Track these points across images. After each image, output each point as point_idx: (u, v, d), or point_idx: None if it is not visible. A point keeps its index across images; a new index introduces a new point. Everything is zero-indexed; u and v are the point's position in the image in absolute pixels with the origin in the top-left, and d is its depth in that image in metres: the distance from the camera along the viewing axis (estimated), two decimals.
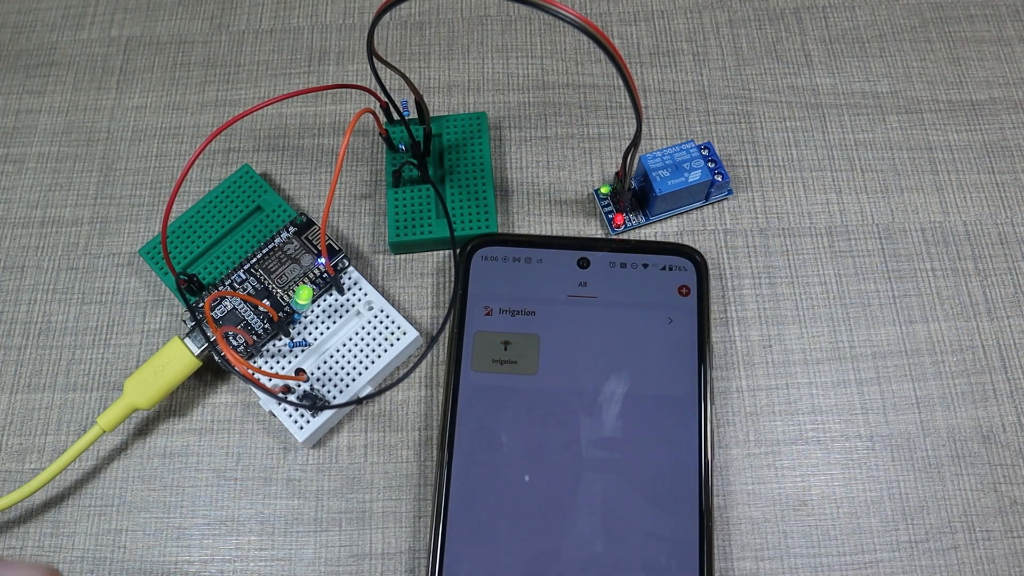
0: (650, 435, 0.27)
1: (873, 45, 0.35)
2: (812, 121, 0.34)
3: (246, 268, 0.29)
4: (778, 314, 0.30)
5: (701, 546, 0.25)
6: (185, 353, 0.27)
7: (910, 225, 0.32)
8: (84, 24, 0.37)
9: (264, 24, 0.36)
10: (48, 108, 0.35)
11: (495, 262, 0.29)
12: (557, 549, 0.25)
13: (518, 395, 0.27)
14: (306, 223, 0.30)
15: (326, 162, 0.33)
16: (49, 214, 0.32)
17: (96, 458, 0.28)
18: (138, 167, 0.33)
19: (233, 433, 0.29)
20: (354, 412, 0.29)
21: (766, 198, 0.32)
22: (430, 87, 0.35)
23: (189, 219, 0.30)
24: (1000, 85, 0.34)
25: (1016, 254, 0.31)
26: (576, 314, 0.28)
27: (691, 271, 0.29)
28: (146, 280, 0.31)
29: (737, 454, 0.28)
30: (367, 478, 0.28)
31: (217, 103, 0.35)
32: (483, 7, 0.36)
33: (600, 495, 0.26)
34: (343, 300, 0.29)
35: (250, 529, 0.27)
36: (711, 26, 0.36)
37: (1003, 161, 0.33)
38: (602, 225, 0.32)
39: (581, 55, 0.35)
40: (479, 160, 0.32)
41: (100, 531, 0.27)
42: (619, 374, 0.27)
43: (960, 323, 0.30)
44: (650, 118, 0.34)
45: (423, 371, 0.29)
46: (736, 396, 0.29)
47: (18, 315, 0.31)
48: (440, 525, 0.26)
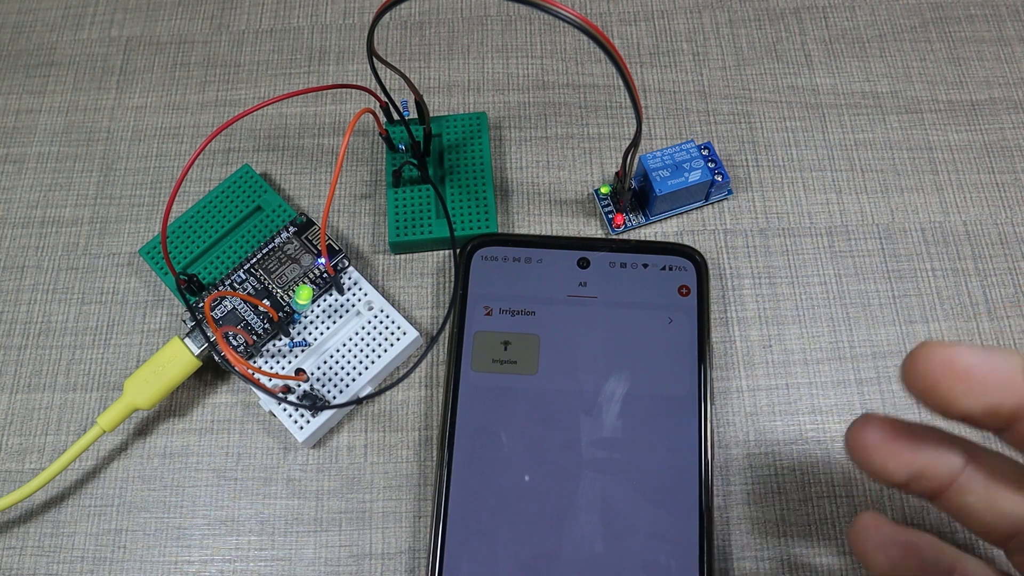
0: (650, 435, 0.27)
1: (873, 45, 0.35)
2: (812, 121, 0.34)
3: (246, 268, 0.29)
4: (778, 314, 0.30)
5: (701, 546, 0.25)
6: (185, 353, 0.27)
7: (910, 225, 0.32)
8: (84, 24, 0.37)
9: (264, 24, 0.36)
10: (48, 108, 0.35)
11: (495, 262, 0.29)
12: (557, 549, 0.25)
13: (518, 395, 0.27)
14: (306, 223, 0.30)
15: (326, 162, 0.33)
16: (49, 214, 0.32)
17: (96, 458, 0.28)
18: (138, 167, 0.33)
19: (233, 433, 0.29)
20: (354, 412, 0.29)
21: (766, 198, 0.32)
22: (430, 87, 0.35)
23: (189, 219, 0.30)
24: (1000, 85, 0.34)
25: (1016, 254, 0.31)
26: (576, 314, 0.28)
27: (691, 271, 0.29)
28: (146, 280, 0.31)
29: (737, 454, 0.28)
30: (367, 478, 0.28)
31: (217, 103, 0.35)
32: (483, 7, 0.36)
33: (600, 495, 0.26)
34: (343, 300, 0.29)
35: (250, 529, 0.27)
36: (711, 26, 0.36)
37: (1003, 161, 0.33)
38: (602, 225, 0.32)
39: (581, 55, 0.35)
40: (479, 160, 0.32)
41: (100, 531, 0.27)
42: (619, 374, 0.27)
43: (960, 323, 0.30)
44: (650, 118, 0.34)
45: (423, 371, 0.29)
46: (736, 396, 0.29)
47: (18, 315, 0.31)
48: (440, 525, 0.26)
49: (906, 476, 0.20)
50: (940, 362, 0.19)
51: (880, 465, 0.20)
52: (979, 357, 0.18)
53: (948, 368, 0.18)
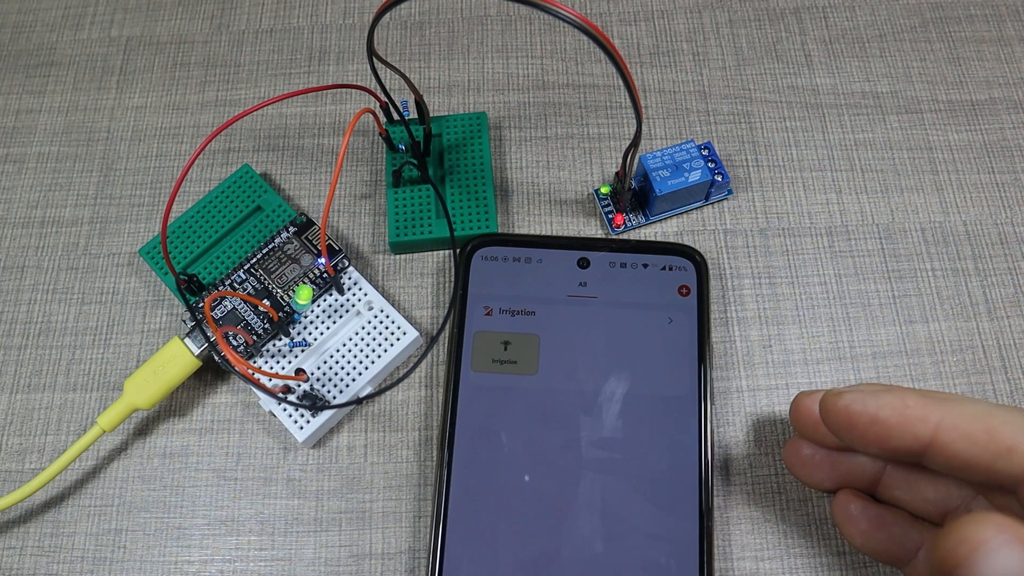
0: (650, 435, 0.27)
1: (873, 45, 0.35)
2: (812, 121, 0.34)
3: (246, 268, 0.29)
4: (778, 314, 0.30)
5: (701, 546, 0.25)
6: (185, 353, 0.27)
7: (910, 225, 0.32)
8: (84, 24, 0.37)
9: (264, 24, 0.36)
10: (48, 108, 0.35)
11: (495, 262, 0.29)
12: (557, 549, 0.25)
13: (518, 395, 0.27)
14: (306, 223, 0.30)
15: (326, 162, 0.33)
16: (49, 214, 0.32)
17: (96, 458, 0.28)
18: (138, 167, 0.33)
19: (233, 433, 0.29)
20: (354, 412, 0.29)
21: (766, 198, 0.32)
22: (430, 87, 0.35)
23: (189, 219, 0.30)
24: (1000, 85, 0.34)
25: (1016, 254, 0.31)
26: (576, 314, 0.28)
27: (691, 271, 0.29)
28: (146, 280, 0.31)
29: (737, 454, 0.28)
30: (367, 478, 0.28)
31: (217, 103, 0.35)
32: (483, 7, 0.36)
33: (600, 495, 0.26)
34: (343, 300, 0.29)
35: (250, 529, 0.27)
36: (711, 26, 0.36)
37: (1003, 161, 0.33)
38: (602, 225, 0.32)
39: (581, 55, 0.35)
40: (479, 160, 0.32)
41: (100, 531, 0.27)
42: (619, 374, 0.27)
43: (960, 323, 0.30)
44: (650, 118, 0.34)
45: (423, 371, 0.29)
46: (736, 396, 0.29)
47: (18, 315, 0.31)
48: (440, 525, 0.26)
49: (834, 484, 0.25)
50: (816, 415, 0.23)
51: (813, 480, 0.25)
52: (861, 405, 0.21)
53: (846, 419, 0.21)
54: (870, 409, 0.21)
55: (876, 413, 0.21)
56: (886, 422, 0.20)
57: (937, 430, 0.20)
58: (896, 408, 0.20)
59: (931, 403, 0.20)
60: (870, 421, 0.21)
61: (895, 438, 0.20)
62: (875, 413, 0.21)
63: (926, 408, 0.20)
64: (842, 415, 0.21)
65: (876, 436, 0.21)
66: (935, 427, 0.20)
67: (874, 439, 0.21)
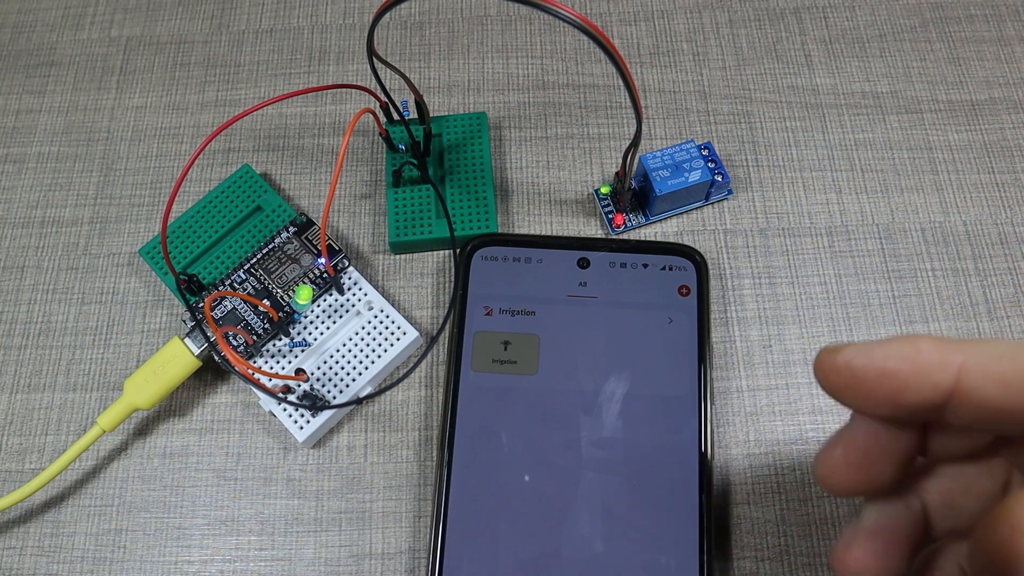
0: (650, 435, 0.27)
1: (873, 45, 0.35)
2: (812, 121, 0.34)
3: (246, 268, 0.29)
4: (778, 314, 0.30)
5: (701, 546, 0.25)
6: (185, 353, 0.27)
7: (910, 225, 0.32)
8: (84, 24, 0.37)
9: (264, 24, 0.36)
10: (48, 108, 0.35)
11: (495, 262, 0.29)
12: (557, 549, 0.25)
13: (518, 395, 0.27)
14: (306, 223, 0.30)
15: (326, 162, 0.33)
16: (49, 214, 0.32)
17: (96, 458, 0.28)
18: (138, 167, 0.33)
19: (233, 433, 0.29)
20: (354, 412, 0.29)
21: (766, 198, 0.32)
22: (430, 87, 0.35)
23: (189, 219, 0.30)
24: (1000, 85, 0.34)
25: (1016, 254, 0.31)
26: (576, 314, 0.28)
27: (691, 271, 0.29)
28: (146, 280, 0.31)
29: (737, 454, 0.28)
30: (367, 478, 0.28)
31: (217, 103, 0.35)
32: (483, 7, 0.36)
33: (600, 495, 0.26)
34: (343, 300, 0.29)
35: (250, 529, 0.27)
36: (711, 26, 0.36)
37: (1003, 161, 0.33)
38: (602, 225, 0.32)
39: (581, 55, 0.35)
40: (479, 160, 0.32)
41: (100, 531, 0.27)
42: (619, 374, 0.27)
43: (960, 323, 0.30)
44: (650, 118, 0.34)
45: (423, 371, 0.29)
46: (736, 396, 0.29)
47: (18, 315, 0.31)
48: (440, 525, 0.26)
49: (864, 493, 0.20)
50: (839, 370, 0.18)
51: (846, 491, 0.19)
52: (867, 358, 0.17)
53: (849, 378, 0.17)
54: (877, 361, 0.17)
55: (884, 365, 0.17)
56: (897, 373, 0.17)
57: (961, 375, 0.16)
58: (908, 356, 0.17)
59: (949, 345, 0.17)
60: (878, 375, 0.17)
61: (911, 391, 0.17)
62: (883, 365, 0.17)
63: (944, 351, 0.17)
64: (844, 373, 0.18)
65: (887, 393, 0.17)
66: (958, 371, 0.16)
67: (885, 397, 0.17)
